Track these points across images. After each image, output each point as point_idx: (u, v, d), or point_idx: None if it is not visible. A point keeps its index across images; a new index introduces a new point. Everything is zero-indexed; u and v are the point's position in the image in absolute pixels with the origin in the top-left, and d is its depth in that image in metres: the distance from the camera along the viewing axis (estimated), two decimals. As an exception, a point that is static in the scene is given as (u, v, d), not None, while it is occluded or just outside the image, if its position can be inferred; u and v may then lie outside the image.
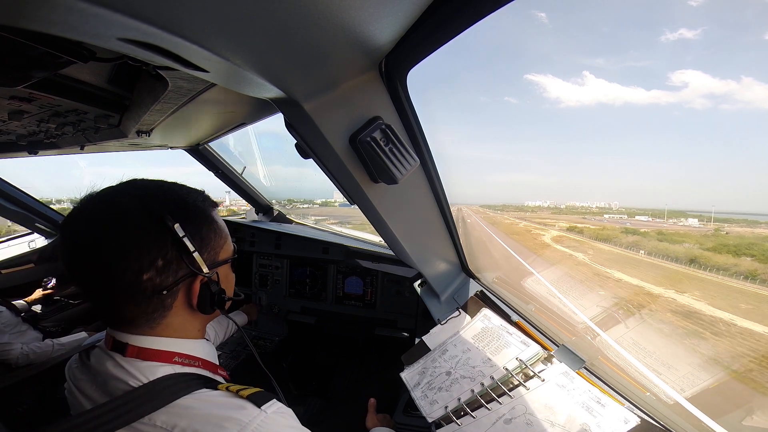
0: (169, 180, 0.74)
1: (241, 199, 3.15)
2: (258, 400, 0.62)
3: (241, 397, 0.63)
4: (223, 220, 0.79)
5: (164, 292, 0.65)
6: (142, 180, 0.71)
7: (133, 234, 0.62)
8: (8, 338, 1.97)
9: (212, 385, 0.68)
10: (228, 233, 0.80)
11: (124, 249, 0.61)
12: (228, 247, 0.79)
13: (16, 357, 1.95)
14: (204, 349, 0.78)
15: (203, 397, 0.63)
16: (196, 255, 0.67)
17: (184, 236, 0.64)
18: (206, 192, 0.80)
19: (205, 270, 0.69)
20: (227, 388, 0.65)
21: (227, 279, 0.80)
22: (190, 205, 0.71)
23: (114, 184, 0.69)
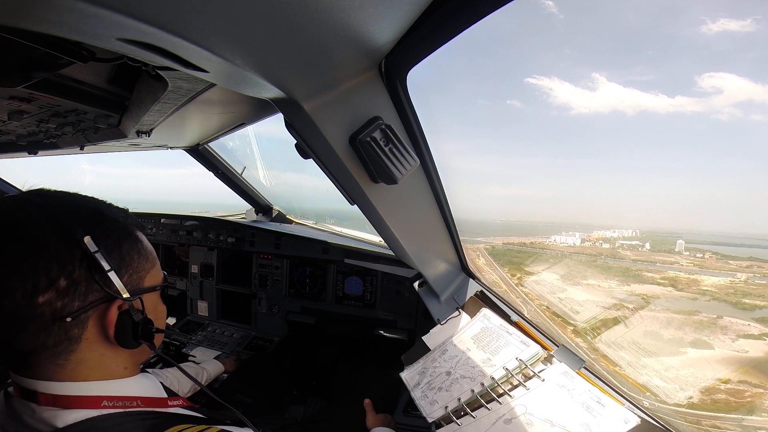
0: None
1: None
2: None
3: None
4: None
5: (68, 319, 0.54)
6: (50, 190, 0.61)
7: (27, 246, 0.51)
8: None
9: (161, 423, 0.60)
10: (156, 258, 0.70)
11: (15, 264, 0.51)
12: (156, 274, 0.69)
13: None
14: (141, 386, 0.67)
15: None
16: (112, 275, 0.56)
17: (96, 251, 0.54)
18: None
19: (125, 294, 0.58)
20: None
21: (156, 311, 0.68)
22: (108, 217, 0.61)
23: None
